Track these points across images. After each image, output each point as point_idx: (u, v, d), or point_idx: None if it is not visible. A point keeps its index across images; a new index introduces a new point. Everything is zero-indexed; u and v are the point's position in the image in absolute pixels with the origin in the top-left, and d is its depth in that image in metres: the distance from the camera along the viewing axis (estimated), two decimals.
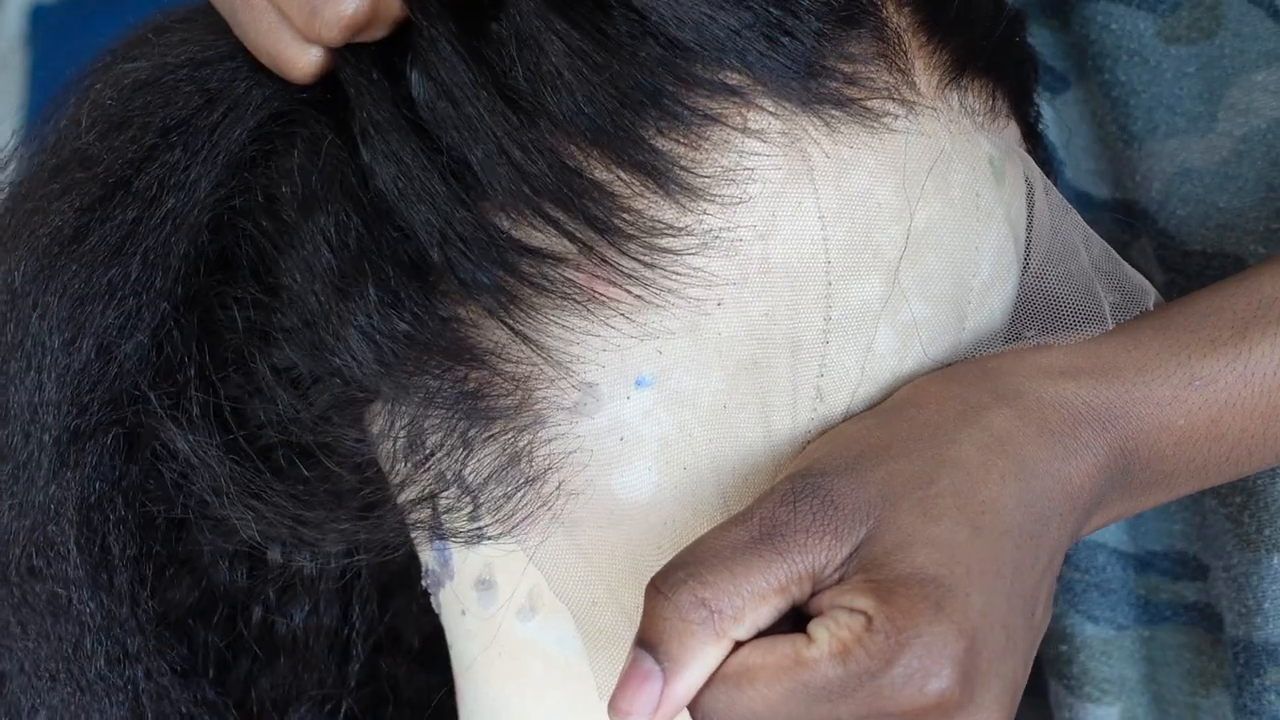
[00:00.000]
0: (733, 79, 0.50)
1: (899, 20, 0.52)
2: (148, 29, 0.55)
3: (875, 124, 0.51)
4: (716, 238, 0.50)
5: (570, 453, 0.50)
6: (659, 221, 0.50)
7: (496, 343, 0.51)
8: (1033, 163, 0.56)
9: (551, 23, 0.49)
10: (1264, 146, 0.62)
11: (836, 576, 0.46)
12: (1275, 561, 0.63)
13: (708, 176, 0.50)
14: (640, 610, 0.48)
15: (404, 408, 0.51)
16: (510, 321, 0.50)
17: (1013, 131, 0.57)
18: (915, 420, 0.49)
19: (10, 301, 0.53)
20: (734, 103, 0.50)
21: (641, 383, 0.50)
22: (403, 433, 0.51)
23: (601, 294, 0.50)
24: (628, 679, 0.45)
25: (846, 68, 0.51)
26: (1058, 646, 0.69)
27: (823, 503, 0.46)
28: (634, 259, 0.50)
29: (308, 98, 0.53)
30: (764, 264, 0.50)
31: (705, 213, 0.50)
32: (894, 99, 0.51)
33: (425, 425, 0.51)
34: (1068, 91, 0.66)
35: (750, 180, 0.50)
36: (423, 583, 0.55)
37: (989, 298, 0.53)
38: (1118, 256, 0.56)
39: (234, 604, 0.58)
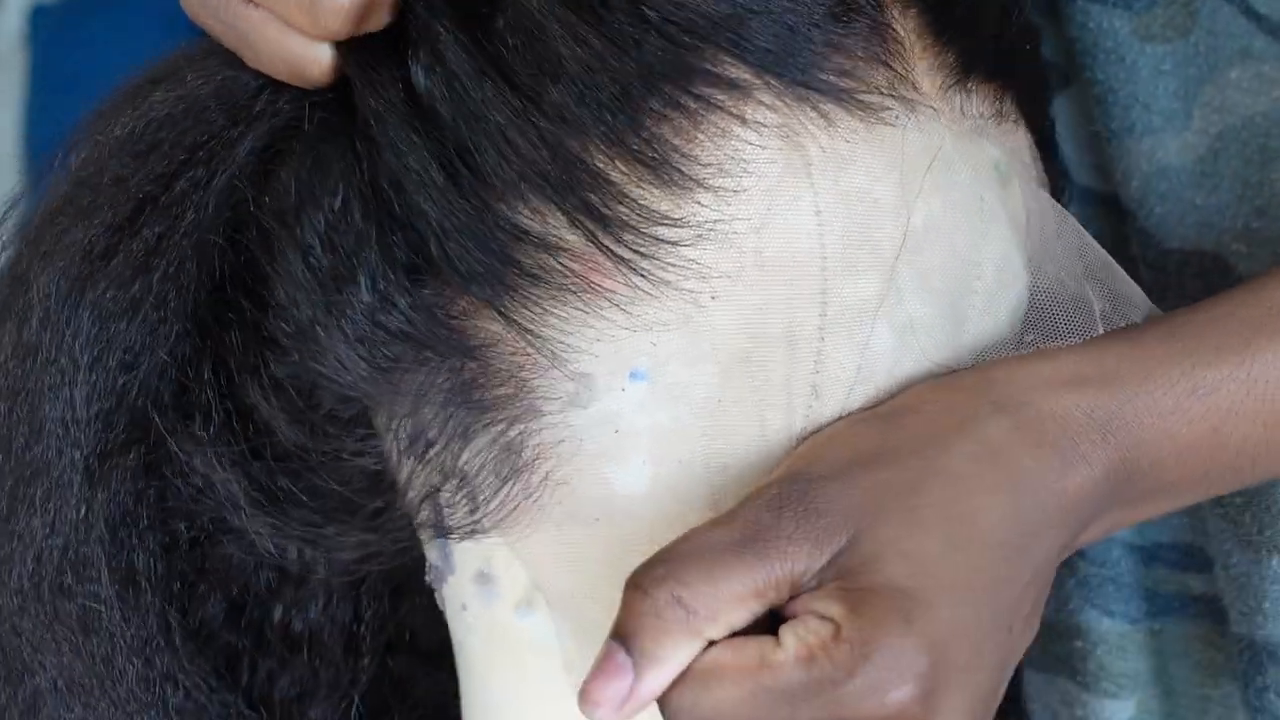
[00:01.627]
0: (731, 71, 0.50)
1: (903, 21, 0.53)
2: (179, 57, 0.57)
3: (873, 119, 0.51)
4: (712, 229, 0.50)
5: (559, 442, 0.51)
6: (655, 211, 0.50)
7: (491, 334, 0.51)
8: (1032, 170, 0.56)
9: (553, 14, 0.50)
10: (1239, 144, 0.62)
11: (815, 582, 0.46)
12: (1275, 563, 0.63)
13: (705, 166, 0.50)
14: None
15: (400, 407, 0.52)
16: (506, 311, 0.50)
17: (1023, 138, 0.57)
18: (911, 428, 0.50)
19: (45, 318, 0.54)
20: (733, 95, 0.50)
21: (636, 375, 0.50)
22: (405, 431, 0.52)
23: (597, 284, 0.50)
24: (600, 670, 0.46)
25: (842, 61, 0.51)
26: (1071, 643, 0.69)
27: (807, 509, 0.47)
28: (630, 249, 0.50)
29: (318, 102, 0.54)
30: (758, 258, 0.50)
31: (701, 203, 0.50)
32: (892, 96, 0.52)
33: (426, 421, 0.51)
34: (1067, 88, 0.67)
35: (745, 173, 0.50)
36: (426, 578, 0.55)
37: (994, 302, 0.54)
38: (1114, 264, 0.57)
39: (259, 606, 0.59)
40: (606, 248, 0.50)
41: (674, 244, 0.50)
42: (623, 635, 0.46)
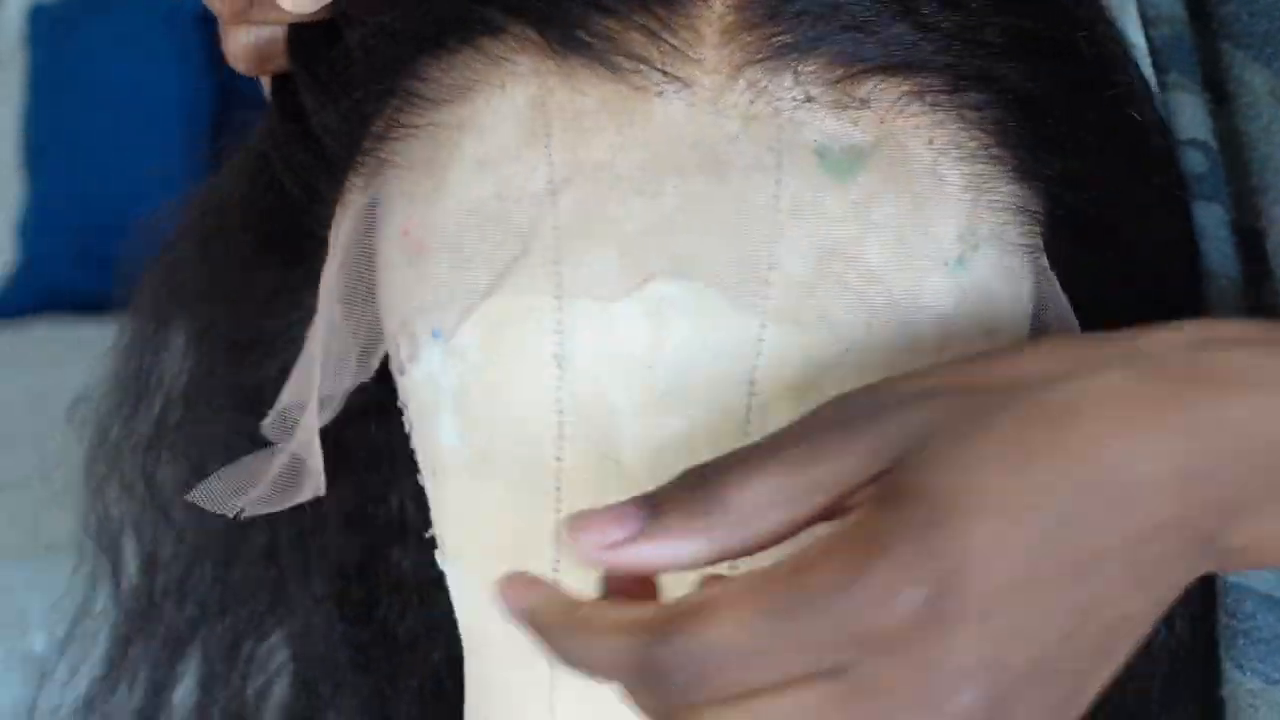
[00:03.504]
0: (505, 25, 0.50)
1: None
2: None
3: (631, 92, 0.49)
4: (451, 194, 0.51)
5: (408, 398, 0.53)
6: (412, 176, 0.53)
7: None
8: (906, 166, 0.50)
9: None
10: None
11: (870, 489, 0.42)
12: None
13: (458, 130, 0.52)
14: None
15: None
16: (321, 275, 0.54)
17: (897, 128, 0.50)
18: (1012, 363, 0.44)
19: None
20: (492, 67, 0.50)
21: (436, 334, 0.51)
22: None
23: (390, 248, 0.53)
24: (611, 510, 0.42)
25: (613, 26, 0.49)
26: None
27: (873, 416, 0.42)
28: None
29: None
30: (504, 225, 0.50)
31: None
32: (661, 70, 0.49)
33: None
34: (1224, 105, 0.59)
35: (482, 141, 0.51)
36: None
37: (812, 297, 0.49)
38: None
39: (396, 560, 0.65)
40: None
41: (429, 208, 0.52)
42: (658, 503, 0.42)
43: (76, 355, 0.67)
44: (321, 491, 0.54)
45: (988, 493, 0.40)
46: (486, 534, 0.52)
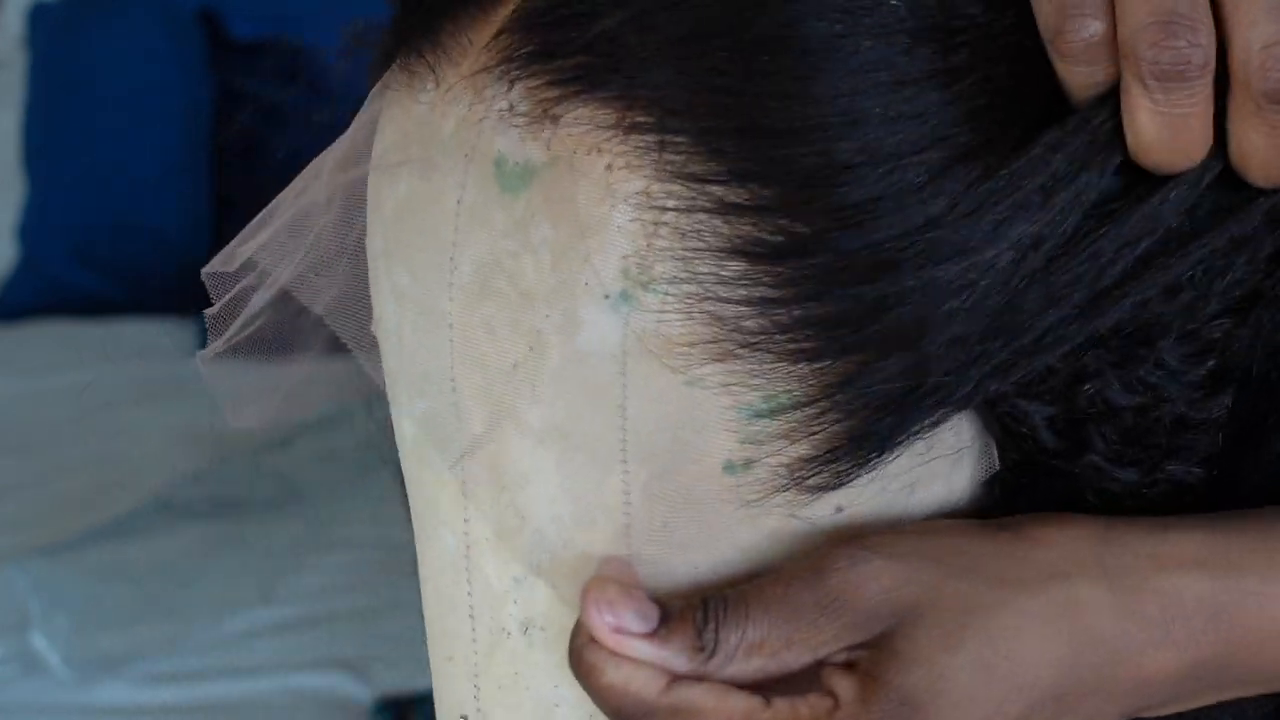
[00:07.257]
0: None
1: None
2: None
3: (404, 89, 0.51)
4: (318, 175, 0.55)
5: None
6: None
7: None
8: (590, 190, 0.48)
9: None
10: None
11: (843, 658, 0.45)
12: None
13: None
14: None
15: None
16: None
17: (580, 147, 0.48)
18: (1006, 554, 0.48)
19: None
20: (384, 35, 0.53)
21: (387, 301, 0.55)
22: None
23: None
24: (627, 595, 0.46)
25: (445, 25, 0.51)
26: None
27: (859, 590, 0.46)
28: None
29: None
30: (350, 190, 0.55)
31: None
32: (431, 71, 0.51)
33: None
34: None
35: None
36: None
37: (481, 308, 0.49)
38: None
39: None
40: None
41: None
42: (663, 611, 0.46)
43: (76, 355, 0.67)
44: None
45: (953, 704, 0.45)
46: (417, 504, 0.53)
